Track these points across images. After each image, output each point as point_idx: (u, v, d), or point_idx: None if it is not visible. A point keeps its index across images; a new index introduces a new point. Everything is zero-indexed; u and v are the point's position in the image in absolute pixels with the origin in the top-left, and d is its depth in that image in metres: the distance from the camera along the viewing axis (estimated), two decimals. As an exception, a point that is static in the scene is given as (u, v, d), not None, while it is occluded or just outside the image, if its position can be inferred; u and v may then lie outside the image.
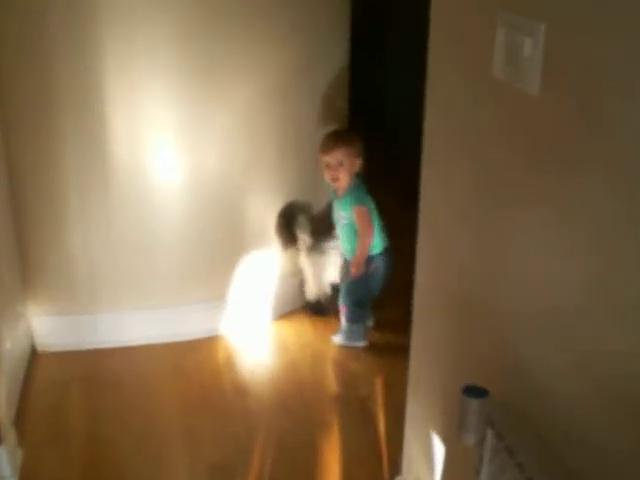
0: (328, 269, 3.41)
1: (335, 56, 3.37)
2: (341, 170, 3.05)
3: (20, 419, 2.70)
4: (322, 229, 3.34)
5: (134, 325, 3.28)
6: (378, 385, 3.02)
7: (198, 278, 3.31)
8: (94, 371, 3.10)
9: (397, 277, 3.07)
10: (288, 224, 3.31)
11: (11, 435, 2.53)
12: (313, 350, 3.35)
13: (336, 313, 3.34)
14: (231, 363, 3.24)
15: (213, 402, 2.92)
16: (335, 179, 3.07)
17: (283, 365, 3.22)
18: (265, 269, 3.44)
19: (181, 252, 3.26)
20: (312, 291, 3.48)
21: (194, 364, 3.18)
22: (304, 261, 3.40)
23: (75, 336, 3.23)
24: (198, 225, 3.23)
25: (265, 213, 3.33)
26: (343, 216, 3.14)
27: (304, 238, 3.35)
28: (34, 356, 3.19)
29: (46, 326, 3.23)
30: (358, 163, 3.08)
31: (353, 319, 3.23)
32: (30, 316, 3.20)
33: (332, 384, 3.10)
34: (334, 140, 3.06)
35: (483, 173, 1.53)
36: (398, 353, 2.76)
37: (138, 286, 3.23)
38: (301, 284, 3.50)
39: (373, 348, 3.33)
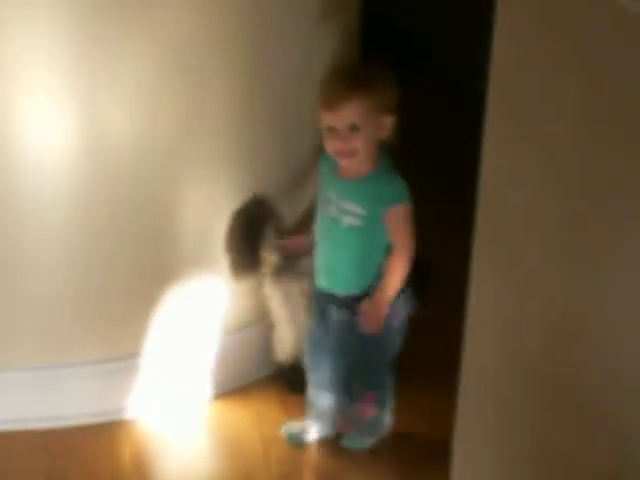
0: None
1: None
2: (356, 139, 2.04)
3: None
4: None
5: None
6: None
7: (90, 324, 2.50)
8: None
9: (430, 326, 2.49)
10: (247, 236, 2.53)
11: None
12: (284, 454, 2.44)
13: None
14: (142, 470, 2.40)
15: None
16: (346, 153, 2.08)
17: (231, 473, 2.38)
18: (206, 311, 2.58)
19: (62, 279, 2.45)
20: (285, 347, 2.61)
21: (79, 468, 2.38)
22: (273, 295, 2.56)
23: None
24: (92, 236, 2.41)
25: (207, 218, 2.54)
26: (354, 212, 2.15)
27: (272, 257, 2.53)
28: None
29: None
30: (387, 125, 2.07)
31: (385, 399, 2.35)
32: None
33: None
34: (345, 85, 2.08)
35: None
36: (426, 459, 2.37)
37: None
38: (268, 335, 2.64)
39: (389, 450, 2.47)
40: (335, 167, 2.17)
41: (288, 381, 2.61)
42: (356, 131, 2.04)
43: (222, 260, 2.55)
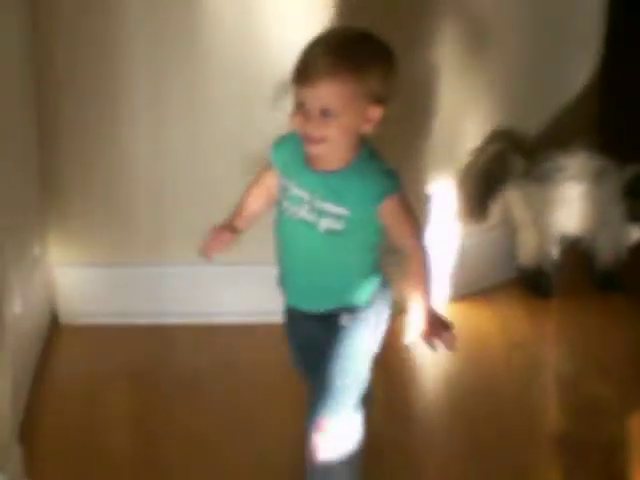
0: (558, 209, 2.63)
1: None
2: (329, 126, 1.65)
3: (30, 430, 2.15)
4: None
5: (213, 290, 2.62)
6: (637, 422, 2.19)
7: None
8: (144, 359, 2.47)
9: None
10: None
11: (14, 456, 2.02)
12: (526, 355, 2.47)
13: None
14: (391, 364, 2.41)
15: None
16: (313, 139, 1.67)
17: (472, 376, 2.39)
18: (445, 214, 2.67)
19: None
20: (528, 250, 2.68)
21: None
22: (515, 199, 2.64)
23: (118, 301, 2.58)
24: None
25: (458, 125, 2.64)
26: (335, 213, 1.74)
27: (515, 159, 2.62)
28: (55, 329, 2.55)
29: (74, 282, 2.59)
30: (374, 117, 1.67)
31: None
32: (51, 265, 2.59)
33: (559, 416, 2.23)
34: (332, 59, 1.65)
35: None
36: None
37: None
38: (511, 239, 2.74)
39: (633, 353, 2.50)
40: (303, 155, 1.75)
41: (532, 285, 2.65)
42: (330, 117, 1.65)
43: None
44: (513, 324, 2.60)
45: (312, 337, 1.80)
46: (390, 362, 2.33)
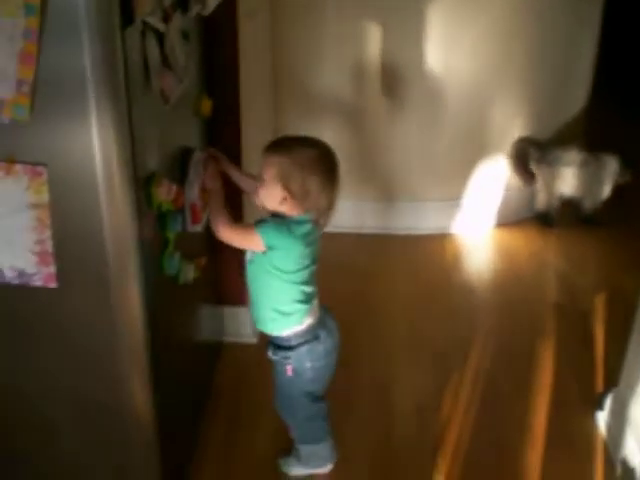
0: (559, 180, 3.53)
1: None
2: (261, 189, 1.90)
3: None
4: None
5: (371, 213, 3.58)
6: (602, 301, 3.06)
7: (437, 176, 3.53)
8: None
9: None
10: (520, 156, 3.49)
11: None
12: (539, 259, 3.46)
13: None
14: (459, 262, 3.43)
15: (438, 295, 3.13)
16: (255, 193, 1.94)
17: (508, 269, 3.36)
18: (498, 176, 3.62)
19: (421, 149, 3.48)
20: (542, 201, 3.62)
21: (424, 257, 3.42)
22: (538, 171, 3.56)
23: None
24: (443, 121, 3.42)
25: (507, 122, 3.51)
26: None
27: (534, 149, 3.49)
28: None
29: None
30: (285, 201, 1.86)
31: (311, 436, 2.17)
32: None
33: (555, 294, 3.18)
34: (275, 146, 1.90)
35: None
36: (628, 268, 3.14)
37: (376, 177, 3.52)
38: (532, 194, 3.64)
39: (602, 261, 3.39)
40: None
41: (541, 220, 3.65)
42: (262, 184, 1.87)
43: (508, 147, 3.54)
44: (532, 241, 3.53)
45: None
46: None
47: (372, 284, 3.16)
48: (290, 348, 1.95)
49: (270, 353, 1.99)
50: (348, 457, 2.27)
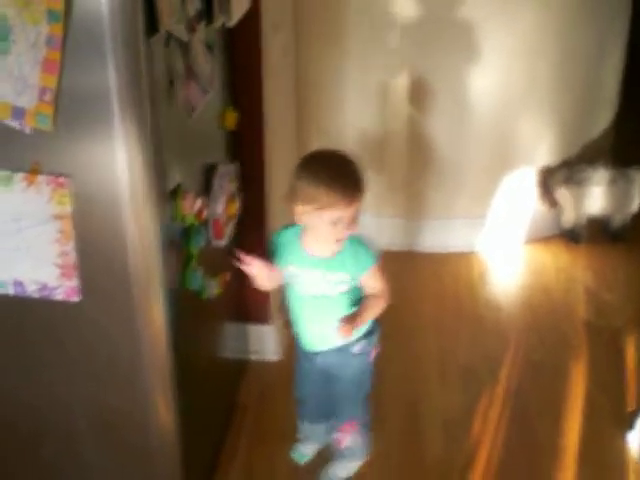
0: (588, 199, 3.51)
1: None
2: (353, 227, 1.94)
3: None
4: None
5: (397, 230, 3.56)
6: (632, 318, 3.03)
7: (465, 193, 3.51)
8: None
9: None
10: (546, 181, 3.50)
11: (280, 315, 2.69)
12: (567, 275, 3.42)
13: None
14: (486, 279, 3.41)
15: (466, 312, 3.12)
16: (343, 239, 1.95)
17: (536, 286, 3.33)
18: (524, 193, 3.57)
19: (449, 166, 3.46)
20: (568, 219, 3.59)
21: (451, 275, 3.39)
22: (562, 191, 3.53)
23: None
24: (470, 138, 3.41)
25: (534, 140, 3.48)
26: (339, 280, 1.99)
27: (562, 170, 3.48)
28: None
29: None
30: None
31: (367, 426, 2.30)
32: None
33: (584, 311, 3.15)
34: (353, 184, 1.88)
35: None
36: None
37: (402, 192, 3.49)
38: (558, 212, 3.61)
39: (631, 277, 3.35)
40: (299, 246, 1.98)
41: (568, 237, 3.60)
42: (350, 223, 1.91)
43: (537, 165, 3.52)
44: (560, 258, 3.49)
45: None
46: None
47: (400, 301, 3.06)
48: (370, 333, 2.09)
49: (355, 350, 2.07)
50: (378, 473, 2.29)
